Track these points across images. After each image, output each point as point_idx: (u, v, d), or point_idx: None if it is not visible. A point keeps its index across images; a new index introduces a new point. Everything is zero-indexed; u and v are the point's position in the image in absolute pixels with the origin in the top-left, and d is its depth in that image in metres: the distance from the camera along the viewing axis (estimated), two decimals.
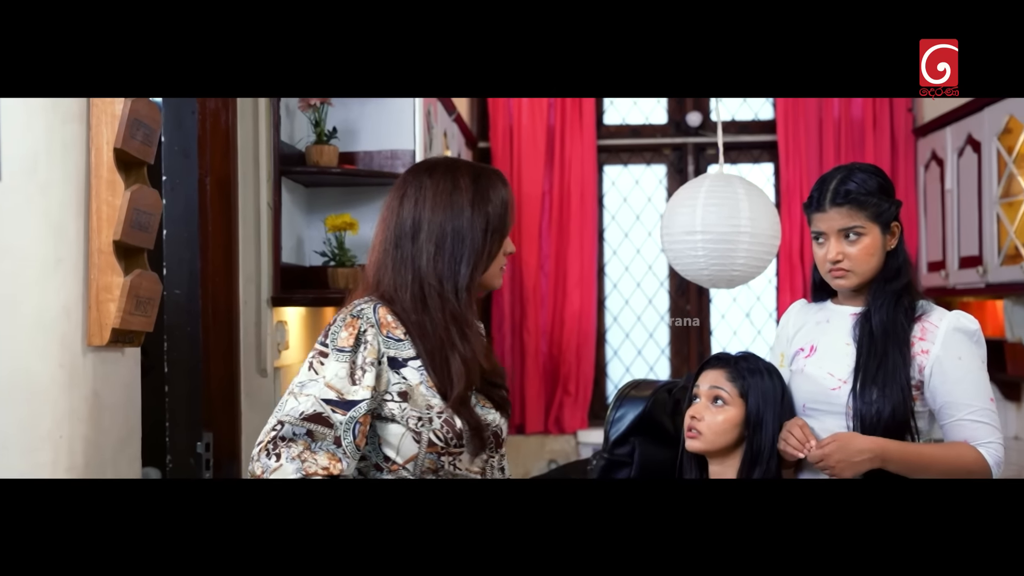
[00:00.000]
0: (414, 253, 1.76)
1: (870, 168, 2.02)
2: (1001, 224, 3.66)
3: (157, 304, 2.08)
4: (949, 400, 1.93)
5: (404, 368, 1.71)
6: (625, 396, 2.74)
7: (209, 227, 2.87)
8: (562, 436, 4.81)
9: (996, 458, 1.92)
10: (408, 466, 1.72)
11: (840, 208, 1.97)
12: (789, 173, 4.69)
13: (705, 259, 2.90)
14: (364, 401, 1.66)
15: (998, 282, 3.65)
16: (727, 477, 2.05)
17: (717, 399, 2.04)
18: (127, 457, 2.08)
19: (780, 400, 2.02)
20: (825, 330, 2.07)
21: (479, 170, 1.83)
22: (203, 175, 2.84)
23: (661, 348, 4.98)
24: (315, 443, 1.62)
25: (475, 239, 1.76)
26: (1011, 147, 3.61)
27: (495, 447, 1.81)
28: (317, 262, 3.27)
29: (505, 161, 4.79)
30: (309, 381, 1.66)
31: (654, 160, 5.01)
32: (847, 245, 1.98)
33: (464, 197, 1.77)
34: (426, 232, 1.76)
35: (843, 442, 1.90)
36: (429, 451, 1.70)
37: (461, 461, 1.74)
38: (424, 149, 3.37)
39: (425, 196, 1.77)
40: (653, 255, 4.97)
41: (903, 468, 1.91)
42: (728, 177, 2.99)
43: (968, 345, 1.96)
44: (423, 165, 1.85)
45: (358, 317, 1.71)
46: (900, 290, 1.99)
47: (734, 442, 2.03)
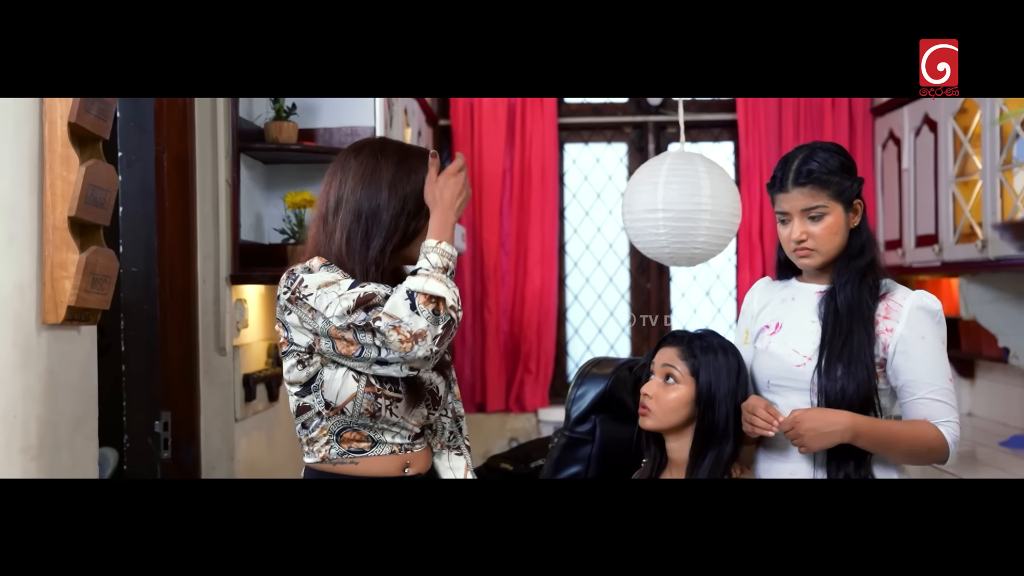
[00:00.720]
0: (334, 229, 1.84)
1: (832, 147, 2.03)
2: (957, 203, 3.71)
3: (114, 282, 2.05)
4: (911, 379, 1.96)
5: None
6: (586, 374, 2.76)
7: (167, 204, 2.84)
8: (523, 414, 4.82)
9: (953, 436, 1.95)
10: (348, 407, 1.81)
11: (803, 188, 1.98)
12: (749, 152, 4.71)
13: (667, 237, 2.91)
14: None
15: (953, 260, 3.70)
16: (682, 454, 2.07)
17: (669, 377, 2.06)
18: (83, 437, 2.05)
19: (735, 379, 2.03)
20: (790, 307, 2.08)
21: (406, 150, 1.90)
22: (160, 151, 2.81)
23: (622, 326, 5.00)
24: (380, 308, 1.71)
25: (390, 218, 1.82)
26: (967, 127, 3.65)
27: (432, 405, 1.92)
28: (276, 239, 3.24)
29: (466, 139, 4.76)
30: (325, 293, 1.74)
31: (615, 138, 5.01)
32: (811, 224, 1.99)
33: (384, 177, 1.84)
34: (344, 209, 1.84)
35: (815, 413, 1.92)
36: (367, 391, 1.79)
37: (398, 408, 1.84)
38: (384, 126, 3.34)
39: (348, 175, 1.86)
40: (614, 233, 4.98)
41: (871, 443, 1.93)
42: (689, 155, 3.00)
43: (931, 324, 1.98)
44: (354, 145, 1.92)
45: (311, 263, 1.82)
46: (864, 267, 2.01)
47: (685, 419, 2.05)
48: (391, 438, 1.89)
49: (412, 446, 1.92)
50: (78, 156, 1.91)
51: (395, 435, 1.89)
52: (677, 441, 2.08)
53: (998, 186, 3.37)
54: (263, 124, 3.19)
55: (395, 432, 1.89)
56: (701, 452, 2.02)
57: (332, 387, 1.81)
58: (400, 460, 1.90)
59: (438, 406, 1.97)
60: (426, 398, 1.91)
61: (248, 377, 3.03)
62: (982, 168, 3.47)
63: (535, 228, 4.77)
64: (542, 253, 4.78)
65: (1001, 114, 3.33)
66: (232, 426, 2.95)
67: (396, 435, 1.89)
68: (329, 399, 1.82)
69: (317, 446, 1.85)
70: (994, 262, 3.38)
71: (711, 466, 2.01)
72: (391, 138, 1.99)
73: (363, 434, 1.85)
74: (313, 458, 1.86)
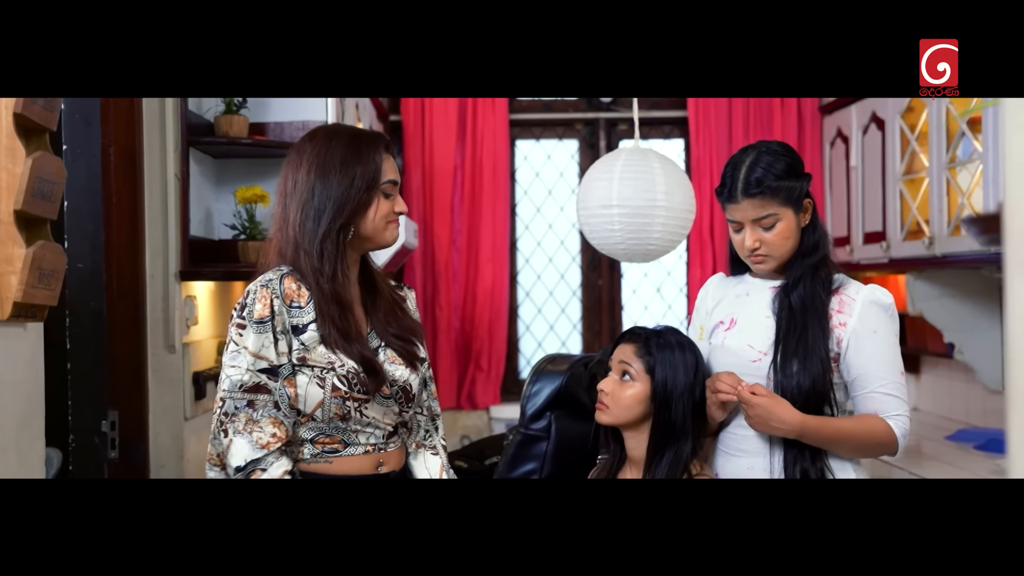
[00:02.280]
0: (289, 212, 1.90)
1: (777, 148, 2.03)
2: (904, 200, 3.76)
3: (61, 277, 1.99)
4: (863, 372, 1.98)
5: (303, 334, 1.85)
6: (541, 371, 2.75)
7: (113, 198, 2.78)
8: (475, 412, 4.81)
9: (903, 430, 1.98)
10: (317, 413, 1.85)
11: (752, 199, 1.99)
12: (699, 149, 4.74)
13: (621, 233, 2.92)
14: (286, 365, 1.83)
15: (901, 257, 3.74)
16: (641, 451, 2.07)
17: (625, 374, 2.06)
18: (29, 436, 1.99)
19: (693, 375, 2.04)
20: (744, 303, 2.09)
21: (357, 134, 1.95)
22: (106, 144, 2.75)
23: (573, 323, 5.01)
24: (256, 411, 1.80)
25: (339, 196, 1.87)
26: (913, 125, 3.70)
27: (405, 402, 1.95)
28: (227, 235, 3.19)
29: (416, 135, 4.73)
30: (237, 354, 1.82)
31: (566, 135, 5.01)
32: (763, 232, 2.01)
33: (335, 159, 1.89)
34: (299, 192, 1.89)
35: (771, 405, 1.94)
36: (334, 395, 1.84)
37: (369, 408, 1.88)
38: (336, 119, 3.30)
39: (302, 161, 1.91)
40: (565, 230, 4.98)
41: (817, 441, 1.96)
42: (644, 151, 3.00)
43: (883, 318, 2.01)
44: (308, 133, 1.98)
45: (267, 287, 1.85)
46: (817, 263, 2.03)
47: (642, 416, 2.06)
48: (364, 439, 1.91)
49: (386, 445, 1.94)
50: (24, 148, 1.86)
51: (368, 435, 1.91)
52: (635, 438, 2.08)
53: (945, 184, 3.42)
54: (213, 118, 3.13)
55: (368, 432, 1.90)
56: (659, 450, 2.03)
57: (299, 396, 1.84)
58: (373, 459, 1.92)
59: (411, 403, 1.97)
60: (399, 396, 1.93)
61: (198, 375, 2.98)
62: (929, 166, 3.52)
63: (486, 225, 4.75)
64: (493, 250, 4.77)
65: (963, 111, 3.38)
66: (182, 425, 2.90)
67: (370, 435, 1.91)
68: (299, 407, 1.85)
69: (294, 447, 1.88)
70: (940, 259, 3.43)
71: (669, 465, 2.01)
72: (345, 124, 2.00)
73: (336, 437, 1.88)
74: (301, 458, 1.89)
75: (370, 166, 1.90)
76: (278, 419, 1.81)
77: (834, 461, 2.01)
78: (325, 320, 1.85)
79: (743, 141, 4.69)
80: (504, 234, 4.81)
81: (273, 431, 1.80)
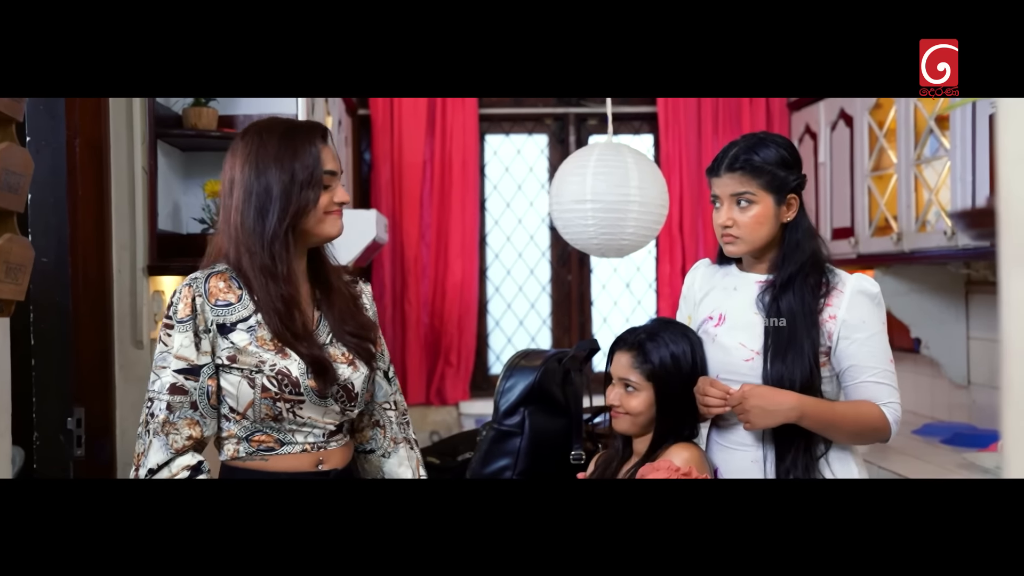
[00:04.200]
0: (229, 212, 1.85)
1: (777, 140, 2.04)
2: (872, 196, 3.79)
3: (29, 271, 1.96)
4: (854, 363, 1.99)
5: (232, 332, 1.82)
6: (515, 366, 2.73)
7: (79, 191, 2.73)
8: (444, 407, 4.79)
9: (895, 416, 1.99)
10: (248, 412, 1.83)
11: (733, 174, 2.00)
12: (668, 145, 4.75)
13: (595, 228, 2.91)
14: (208, 364, 1.81)
15: (869, 253, 3.78)
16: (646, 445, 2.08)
17: (628, 386, 2.06)
18: None
19: (690, 370, 2.04)
20: (732, 297, 2.09)
21: (291, 126, 1.89)
22: (72, 136, 2.70)
23: (543, 318, 5.00)
24: (173, 413, 1.78)
25: (281, 192, 1.81)
26: (882, 122, 3.73)
27: (347, 401, 1.91)
28: (195, 229, 3.14)
29: (386, 129, 4.70)
30: (162, 355, 1.81)
31: (536, 130, 5.00)
32: (737, 211, 2.00)
33: (269, 153, 1.83)
34: (237, 191, 1.84)
35: (762, 391, 1.94)
36: (263, 396, 1.81)
37: (303, 408, 1.84)
38: (306, 113, 3.27)
39: (236, 157, 1.86)
40: (535, 225, 4.97)
41: (816, 424, 1.97)
42: (618, 146, 3.00)
43: (871, 308, 2.01)
44: (245, 129, 1.92)
45: (191, 286, 1.83)
46: (804, 262, 2.02)
47: (654, 417, 2.07)
48: (303, 438, 1.87)
49: (327, 444, 1.90)
50: None
51: (307, 435, 1.87)
52: (644, 438, 2.09)
53: (913, 180, 3.45)
54: (181, 110, 3.09)
55: (306, 432, 1.87)
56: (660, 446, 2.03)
57: (231, 393, 1.83)
58: (312, 457, 1.88)
59: (353, 402, 1.93)
60: (340, 395, 1.89)
61: None
62: (897, 163, 3.55)
63: (456, 220, 4.73)
64: (463, 245, 4.75)
65: (932, 109, 3.40)
66: None
67: (308, 434, 1.87)
68: (232, 405, 1.84)
69: (228, 445, 1.87)
70: (908, 255, 3.47)
71: None
72: (279, 116, 1.96)
73: (271, 436, 1.85)
74: (224, 456, 1.88)
75: (307, 160, 1.83)
76: (194, 420, 1.80)
77: (835, 454, 2.01)
78: (272, 319, 1.82)
79: (712, 137, 4.71)
80: (473, 229, 4.79)
81: (189, 433, 1.80)
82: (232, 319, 1.82)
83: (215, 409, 1.83)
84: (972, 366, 3.71)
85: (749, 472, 2.03)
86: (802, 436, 1.98)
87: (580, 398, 2.68)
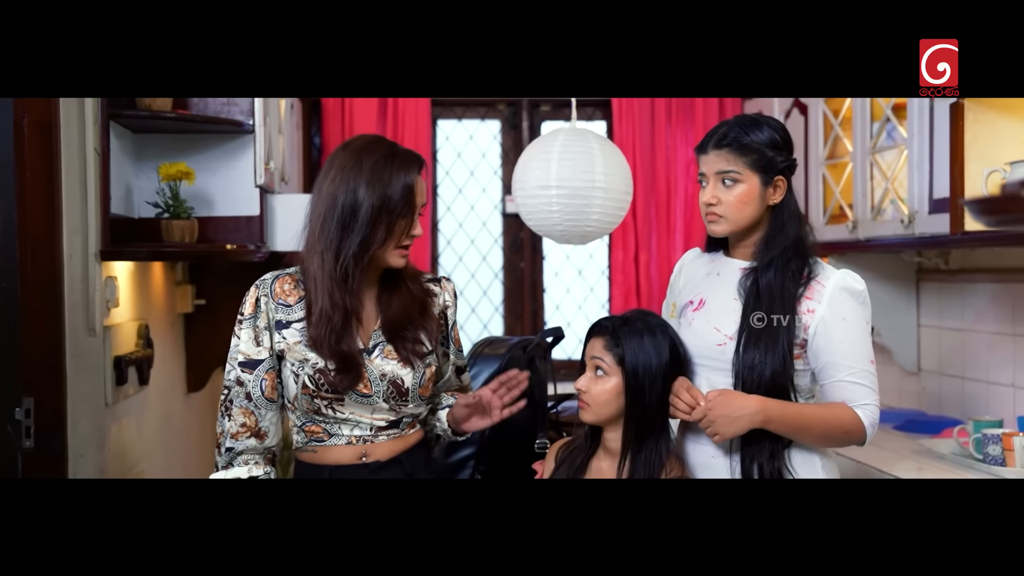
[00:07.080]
0: (313, 221, 1.95)
1: (769, 121, 2.00)
2: (827, 184, 3.82)
3: None
4: (831, 361, 1.94)
5: (286, 329, 1.97)
6: (479, 354, 2.71)
7: (27, 174, 2.63)
8: None
9: (871, 419, 1.94)
10: (296, 403, 1.98)
11: (720, 151, 1.97)
12: (622, 131, 4.74)
13: (560, 214, 2.89)
14: (267, 359, 1.97)
15: (823, 240, 3.79)
16: (618, 442, 2.02)
17: (598, 369, 2.01)
18: None
19: (666, 360, 1.98)
20: (714, 283, 2.06)
21: (391, 151, 1.95)
22: (19, 116, 2.60)
23: (495, 306, 4.97)
24: (233, 402, 1.96)
25: (366, 216, 1.88)
26: (836, 110, 3.76)
27: (398, 396, 1.99)
28: (149, 213, 3.05)
29: (337, 114, 4.63)
30: (233, 349, 1.98)
31: (488, 115, 4.96)
32: (722, 190, 1.97)
33: (363, 175, 1.89)
34: (322, 202, 1.92)
35: (725, 399, 1.90)
36: (303, 392, 1.95)
37: (344, 405, 1.96)
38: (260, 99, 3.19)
39: (333, 168, 1.93)
40: (487, 211, 4.94)
41: (783, 428, 1.92)
42: (583, 132, 2.98)
43: (853, 305, 1.96)
44: (346, 142, 2.01)
45: (258, 287, 1.99)
46: (787, 247, 1.98)
47: (622, 409, 2.01)
48: (348, 431, 1.98)
49: (374, 437, 1.99)
50: None
51: (352, 427, 1.98)
52: (614, 431, 2.03)
53: (868, 169, 3.48)
54: None
55: (351, 425, 1.97)
56: (634, 441, 1.99)
57: (286, 385, 1.99)
58: (356, 450, 1.99)
59: (405, 398, 1.99)
60: (389, 391, 1.97)
61: (119, 359, 2.84)
62: (852, 151, 3.58)
63: None
64: None
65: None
66: (103, 412, 2.76)
67: (353, 427, 1.98)
68: (288, 397, 2.00)
69: (293, 434, 2.04)
70: (864, 243, 3.50)
71: (646, 463, 1.97)
72: (386, 138, 2.02)
73: (320, 427, 1.98)
74: (294, 444, 2.04)
75: (400, 188, 1.90)
76: (248, 410, 1.97)
77: (797, 453, 1.97)
78: (323, 323, 1.91)
79: (665, 123, 4.72)
80: (425, 215, 4.72)
81: (243, 421, 1.97)
82: (288, 318, 1.97)
83: (271, 401, 1.98)
84: (922, 353, 3.76)
85: (713, 466, 2.00)
86: (766, 442, 1.94)
87: (544, 386, 2.66)
